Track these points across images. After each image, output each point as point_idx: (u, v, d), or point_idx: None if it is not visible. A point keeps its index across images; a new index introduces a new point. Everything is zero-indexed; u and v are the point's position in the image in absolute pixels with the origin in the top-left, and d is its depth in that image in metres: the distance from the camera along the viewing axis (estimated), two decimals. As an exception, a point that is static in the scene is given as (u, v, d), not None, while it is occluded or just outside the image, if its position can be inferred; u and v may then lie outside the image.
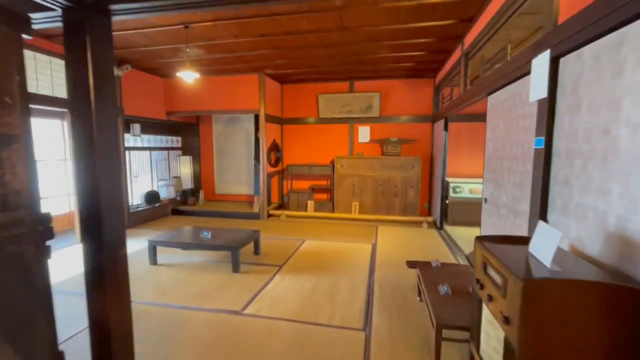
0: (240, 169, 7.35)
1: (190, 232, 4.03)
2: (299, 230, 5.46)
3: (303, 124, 6.94)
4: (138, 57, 4.98)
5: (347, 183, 6.29)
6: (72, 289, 3.19)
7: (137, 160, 6.16)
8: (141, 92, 5.84)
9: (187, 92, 6.34)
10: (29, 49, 3.99)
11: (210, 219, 6.25)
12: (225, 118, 7.31)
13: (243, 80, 6.04)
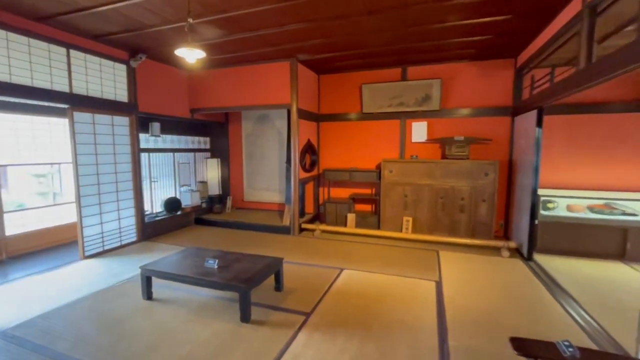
0: (270, 174, 6.45)
1: (194, 258, 3.13)
2: (335, 252, 4.36)
3: (343, 121, 5.84)
4: (149, 43, 4.26)
5: (397, 193, 5.05)
6: (33, 337, 2.42)
7: (157, 163, 5.51)
8: (161, 87, 5.16)
9: (211, 86, 5.57)
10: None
11: (235, 232, 5.41)
12: (255, 115, 6.46)
13: (272, 69, 5.11)
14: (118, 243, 4.52)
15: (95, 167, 4.18)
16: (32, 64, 3.52)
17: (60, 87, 3.78)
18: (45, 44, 3.62)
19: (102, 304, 2.91)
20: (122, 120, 4.54)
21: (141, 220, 4.83)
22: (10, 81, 3.34)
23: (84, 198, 4.07)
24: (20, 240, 4.33)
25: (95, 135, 4.17)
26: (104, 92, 4.27)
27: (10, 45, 3.34)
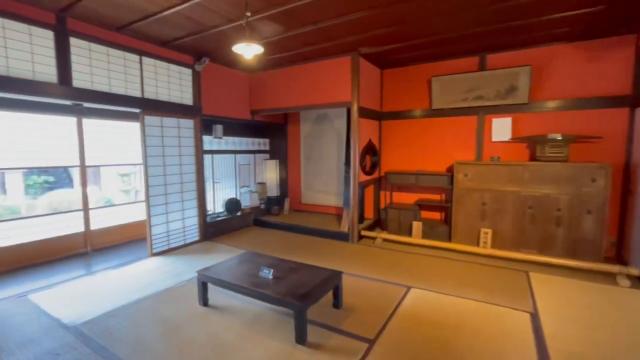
0: (328, 176, 6.19)
1: (250, 264, 2.98)
2: (400, 265, 3.90)
3: (408, 119, 5.31)
4: (212, 45, 4.29)
5: (473, 200, 4.38)
6: (98, 334, 2.46)
7: (219, 165, 5.63)
8: (223, 90, 5.24)
9: (270, 87, 5.51)
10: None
11: (292, 236, 5.25)
12: (313, 116, 6.27)
13: (332, 66, 4.83)
14: (182, 242, 4.67)
15: (162, 169, 4.35)
16: (110, 72, 3.75)
17: (133, 93, 3.98)
18: (121, 52, 3.83)
19: (162, 305, 2.91)
20: (187, 123, 4.67)
21: (203, 220, 4.94)
22: (92, 88, 3.59)
23: (152, 198, 4.25)
24: (103, 234, 4.72)
25: (162, 138, 4.34)
26: (171, 96, 4.43)
27: (93, 55, 3.58)
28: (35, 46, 3.14)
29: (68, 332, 2.49)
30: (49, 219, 4.31)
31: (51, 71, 3.26)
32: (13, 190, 8.24)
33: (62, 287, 3.29)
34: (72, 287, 3.29)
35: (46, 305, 2.92)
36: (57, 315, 2.74)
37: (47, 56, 3.22)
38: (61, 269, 3.85)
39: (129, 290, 3.22)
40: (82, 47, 3.47)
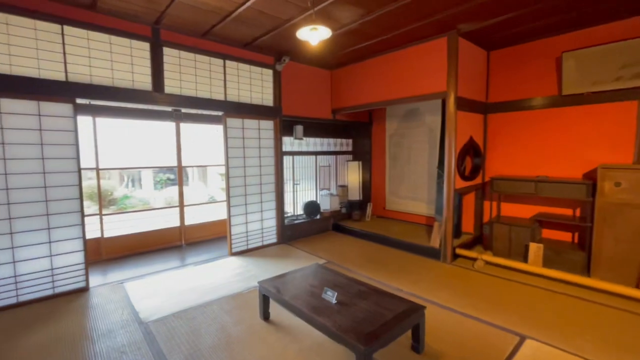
0: (417, 180, 5.41)
1: (316, 280, 2.60)
2: (510, 301, 2.97)
3: (524, 110, 4.16)
4: (290, 42, 4.11)
5: (630, 219, 3.07)
6: (167, 330, 2.45)
7: (299, 166, 5.50)
8: (303, 89, 5.07)
9: (352, 82, 5.09)
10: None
11: (373, 246, 4.72)
12: (401, 112, 5.58)
13: (423, 52, 4.11)
14: (260, 243, 4.65)
15: (242, 170, 4.39)
16: (197, 77, 3.92)
17: (217, 96, 4.10)
18: (207, 58, 3.98)
19: (225, 314, 2.79)
20: (268, 124, 4.64)
21: (281, 222, 4.85)
22: (181, 93, 3.80)
23: (233, 198, 4.32)
24: (195, 230, 5.09)
25: (243, 140, 4.38)
26: (252, 97, 4.45)
27: (182, 62, 3.79)
28: (135, 57, 3.44)
29: (139, 328, 2.56)
30: (158, 212, 4.84)
31: (147, 79, 3.54)
32: (146, 184, 9.89)
33: (151, 279, 3.54)
34: (159, 280, 3.51)
35: (133, 295, 3.14)
36: (138, 308, 2.89)
37: (144, 66, 3.51)
38: (158, 259, 4.22)
39: (202, 290, 3.24)
40: (173, 56, 3.70)
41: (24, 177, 2.89)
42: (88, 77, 3.17)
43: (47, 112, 2.97)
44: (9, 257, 2.86)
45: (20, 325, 2.60)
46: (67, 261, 3.13)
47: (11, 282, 2.87)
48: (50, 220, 3.03)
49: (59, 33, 3.00)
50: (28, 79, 2.86)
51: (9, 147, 2.82)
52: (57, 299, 3.06)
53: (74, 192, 3.14)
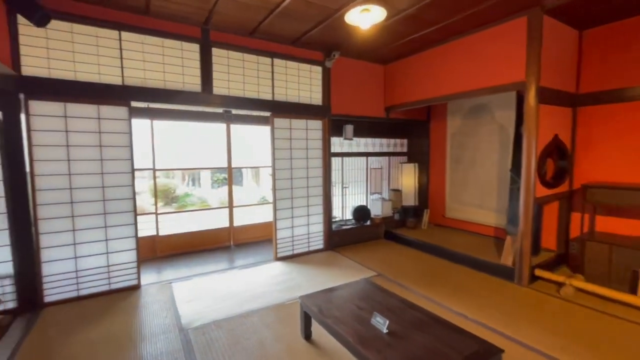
0: (484, 185, 4.73)
1: (364, 301, 2.27)
2: (615, 345, 2.31)
3: (630, 101, 3.32)
4: (341, 35, 3.82)
5: None
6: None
7: (348, 168, 5.18)
8: (354, 86, 4.75)
9: (409, 77, 4.63)
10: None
11: (431, 259, 4.22)
12: (465, 107, 4.95)
13: (496, 36, 3.51)
14: (306, 249, 4.44)
15: (289, 172, 4.22)
16: (245, 77, 3.84)
17: (265, 96, 3.99)
18: (255, 57, 3.88)
19: (265, 327, 2.60)
20: (316, 124, 4.41)
21: (328, 228, 4.58)
22: (229, 94, 3.75)
23: (279, 201, 4.18)
24: (244, 231, 5.07)
25: (290, 141, 4.21)
26: (300, 96, 4.26)
27: (230, 62, 3.74)
28: (185, 59, 3.46)
29: (179, 336, 2.49)
30: (210, 212, 4.92)
31: (196, 81, 3.54)
32: (204, 183, 10.44)
33: (197, 281, 3.52)
34: (204, 282, 3.48)
35: (179, 297, 3.13)
36: (181, 311, 2.84)
37: (193, 67, 3.52)
38: (206, 260, 4.25)
39: (244, 297, 3.11)
40: (221, 56, 3.66)
41: (84, 177, 3.04)
42: (142, 80, 3.25)
43: (105, 115, 3.10)
44: (72, 253, 3.02)
45: (78, 319, 2.71)
46: (121, 259, 3.24)
47: (73, 276, 3.04)
48: (107, 219, 3.15)
49: (117, 39, 3.11)
50: (89, 84, 3.00)
51: (72, 149, 2.97)
52: (112, 295, 3.17)
53: (128, 192, 3.23)
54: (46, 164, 2.87)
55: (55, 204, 2.93)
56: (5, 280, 2.78)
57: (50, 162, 2.89)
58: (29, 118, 2.79)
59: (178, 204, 9.27)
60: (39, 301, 2.90)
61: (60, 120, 2.92)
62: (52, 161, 2.90)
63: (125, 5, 3.03)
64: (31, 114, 2.80)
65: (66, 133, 2.95)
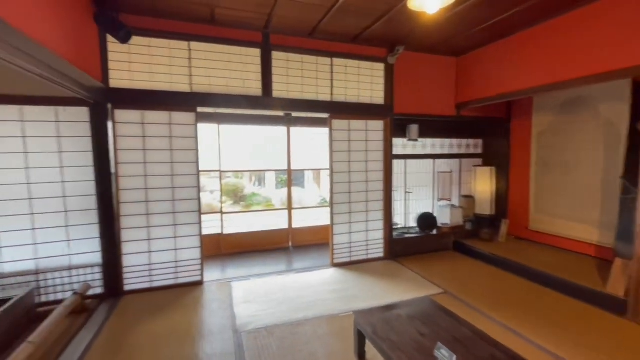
0: (583, 194, 3.92)
1: (426, 326, 1.98)
2: None
3: None
4: (406, 27, 3.52)
5: None
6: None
7: (412, 172, 4.80)
8: (420, 82, 4.36)
9: (486, 69, 4.08)
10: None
11: (508, 278, 3.64)
12: (556, 101, 4.17)
13: (602, 12, 2.84)
14: (364, 256, 4.22)
15: (347, 175, 4.06)
16: (303, 79, 3.79)
17: (323, 97, 3.89)
18: (313, 57, 3.81)
19: (316, 340, 2.47)
20: (376, 125, 4.16)
21: (389, 235, 4.28)
22: (288, 97, 3.74)
23: (336, 205, 4.03)
24: (302, 233, 5.07)
25: (349, 142, 4.04)
26: (360, 96, 4.06)
27: (289, 65, 3.72)
28: (247, 64, 3.54)
29: (233, 338, 2.50)
30: (271, 213, 5.04)
31: (257, 85, 3.60)
32: (269, 184, 10.92)
33: (255, 282, 3.57)
34: (261, 284, 3.51)
35: (236, 297, 3.19)
36: (237, 312, 2.88)
37: (255, 72, 3.58)
38: (265, 260, 4.32)
39: (298, 304, 3.03)
40: (281, 59, 3.67)
41: (157, 179, 3.30)
42: (207, 87, 3.42)
43: (175, 120, 3.32)
44: (146, 248, 3.30)
45: (148, 310, 2.93)
46: (187, 256, 3.44)
47: (147, 269, 3.32)
48: (175, 218, 3.37)
49: (186, 49, 3.32)
50: (163, 93, 3.25)
51: (148, 152, 3.25)
52: (178, 289, 3.38)
53: (194, 193, 3.42)
54: (127, 167, 3.19)
55: (134, 202, 3.23)
56: (95, 268, 3.15)
57: (130, 164, 3.20)
58: (114, 125, 3.13)
59: (245, 202, 9.86)
60: (120, 289, 3.23)
61: (139, 126, 3.21)
62: (131, 164, 3.20)
63: (194, 17, 3.21)
64: (116, 122, 3.14)
65: (143, 138, 3.23)
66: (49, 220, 2.97)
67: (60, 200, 3.00)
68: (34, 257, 2.95)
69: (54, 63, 2.10)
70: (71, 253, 3.06)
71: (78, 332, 2.59)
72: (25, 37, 1.78)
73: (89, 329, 2.64)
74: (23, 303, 2.58)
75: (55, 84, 2.28)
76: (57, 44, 2.21)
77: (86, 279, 3.13)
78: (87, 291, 2.98)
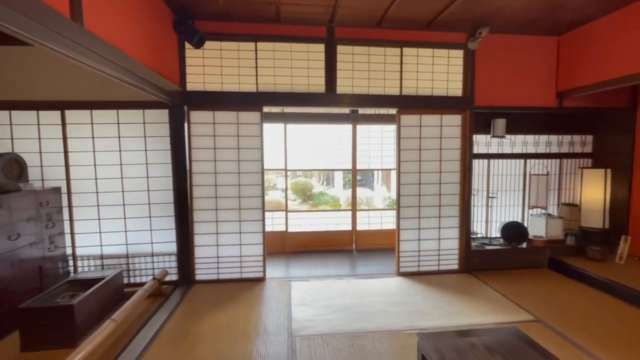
0: None
1: (507, 366, 1.59)
2: None
3: None
4: (492, 5, 3.00)
5: None
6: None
7: (496, 173, 4.15)
8: (508, 68, 3.73)
9: (604, 45, 3.26)
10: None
11: (631, 311, 2.84)
12: None
13: None
14: (435, 267, 3.78)
15: (417, 176, 3.68)
16: (370, 72, 3.56)
17: (391, 91, 3.60)
18: (381, 49, 3.54)
19: (376, 356, 2.24)
20: (453, 119, 3.69)
21: (466, 245, 3.76)
22: (352, 92, 3.54)
23: (404, 209, 3.69)
24: (367, 236, 4.84)
25: (420, 140, 3.66)
26: (434, 88, 3.64)
27: (355, 58, 3.53)
28: (311, 61, 3.47)
29: (287, 341, 2.43)
30: (336, 213, 4.94)
31: (320, 82, 3.50)
32: (337, 183, 10.92)
33: (314, 284, 3.48)
34: (321, 287, 3.40)
35: (295, 297, 3.14)
36: (294, 314, 2.82)
37: (318, 68, 3.48)
38: (327, 262, 4.22)
39: (357, 313, 2.83)
40: (346, 53, 3.50)
41: (225, 176, 3.45)
42: (272, 86, 3.44)
43: (242, 120, 3.43)
44: (214, 241, 3.48)
45: (214, 301, 3.06)
46: (250, 252, 3.53)
47: (215, 261, 3.50)
48: (241, 214, 3.48)
49: (253, 50, 3.39)
50: (232, 94, 3.38)
51: (218, 151, 3.42)
52: (241, 283, 3.49)
53: (258, 191, 3.49)
54: (199, 164, 3.40)
55: (205, 197, 3.43)
56: (172, 257, 3.44)
57: (202, 162, 3.40)
58: (189, 126, 3.36)
59: (313, 201, 10.00)
60: (192, 278, 3.47)
61: (210, 126, 3.40)
62: (203, 161, 3.41)
63: (260, 16, 3.26)
64: (191, 122, 3.37)
65: (214, 137, 3.41)
66: (135, 212, 3.33)
67: (145, 194, 3.34)
68: (124, 243, 3.34)
69: (139, 71, 2.30)
70: (153, 241, 3.39)
71: (154, 314, 2.82)
72: (114, 48, 1.96)
73: (163, 312, 2.86)
74: (113, 282, 2.93)
75: (140, 89, 2.51)
76: (142, 53, 2.42)
77: (164, 266, 3.44)
78: (164, 277, 3.27)
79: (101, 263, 3.34)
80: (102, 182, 3.27)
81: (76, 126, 3.21)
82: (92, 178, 3.26)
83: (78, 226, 3.28)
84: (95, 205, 3.28)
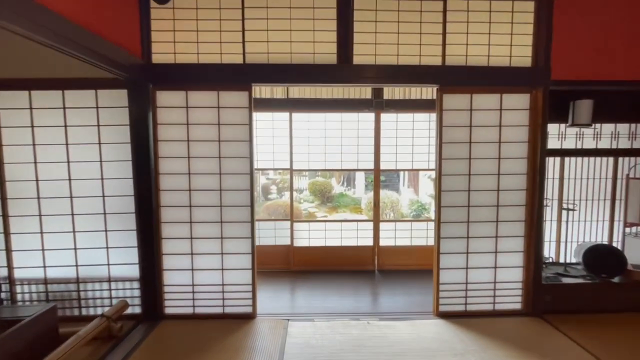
0: None
1: None
2: None
3: None
4: None
5: None
6: None
7: (580, 177, 3.02)
8: (604, 23, 2.59)
9: None
10: None
11: None
12: None
13: None
14: (489, 306, 2.73)
15: (465, 179, 2.64)
16: (400, 35, 2.56)
17: (429, 60, 2.59)
18: (417, 2, 2.54)
19: None
20: (518, 101, 2.62)
21: (534, 276, 2.67)
22: (375, 62, 2.57)
23: (445, 225, 2.67)
24: (393, 253, 3.86)
25: (470, 129, 2.62)
26: (490, 55, 2.59)
27: (379, 15, 2.55)
28: (318, 21, 2.53)
29: None
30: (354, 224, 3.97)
31: (330, 48, 2.56)
32: (359, 185, 9.97)
33: (321, 327, 2.54)
34: (329, 332, 2.45)
35: (290, 351, 2.21)
36: (284, 384, 1.89)
37: (328, 30, 2.54)
38: (341, 286, 3.31)
39: None
40: (366, 9, 2.53)
41: (203, 178, 2.60)
42: (264, 55, 2.54)
43: (225, 103, 2.57)
44: (189, 264, 2.63)
45: (184, 348, 2.21)
46: (236, 278, 2.66)
47: (189, 290, 2.66)
48: (224, 229, 2.61)
49: (239, 5, 2.50)
50: (211, 66, 2.53)
51: (194, 144, 2.56)
52: (225, 320, 2.62)
53: (245, 198, 2.61)
54: (169, 162, 2.57)
55: (176, 206, 2.59)
56: (134, 283, 2.63)
57: (172, 159, 2.58)
58: (155, 111, 2.53)
59: (332, 203, 9.05)
60: (159, 311, 2.64)
61: (182, 111, 2.55)
62: (173, 158, 2.58)
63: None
64: (158, 106, 2.54)
65: (187, 126, 2.56)
66: (88, 223, 2.55)
67: (99, 200, 2.55)
68: (74, 264, 2.57)
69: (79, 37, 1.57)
70: (110, 263, 2.60)
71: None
72: None
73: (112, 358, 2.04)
74: (38, 323, 2.14)
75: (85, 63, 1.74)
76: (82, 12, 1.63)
77: (126, 295, 2.63)
78: (120, 312, 2.45)
79: (44, 289, 2.59)
80: (45, 185, 2.52)
81: (10, 112, 2.47)
82: (33, 179, 2.51)
83: (16, 241, 2.54)
84: (37, 214, 2.53)
